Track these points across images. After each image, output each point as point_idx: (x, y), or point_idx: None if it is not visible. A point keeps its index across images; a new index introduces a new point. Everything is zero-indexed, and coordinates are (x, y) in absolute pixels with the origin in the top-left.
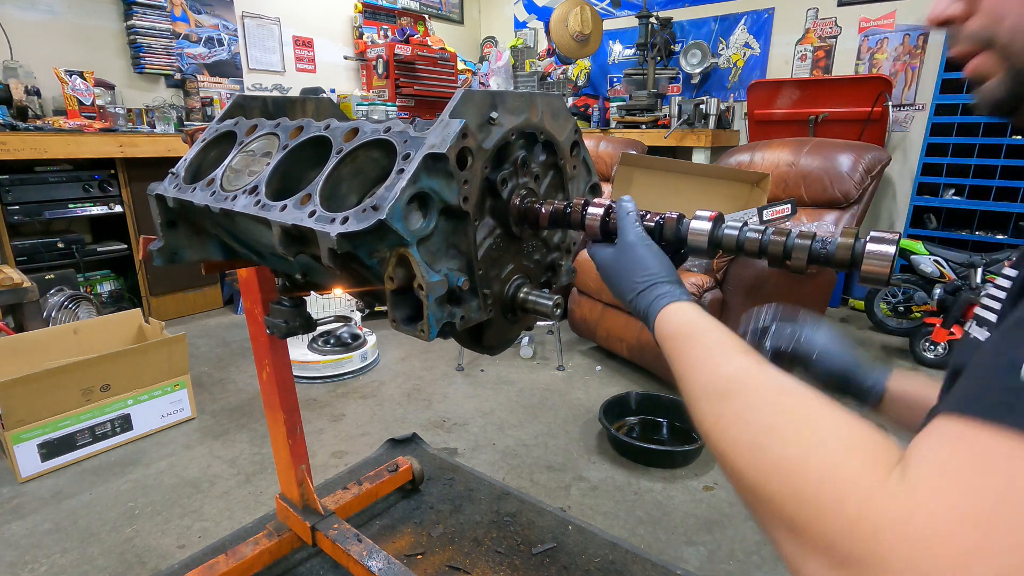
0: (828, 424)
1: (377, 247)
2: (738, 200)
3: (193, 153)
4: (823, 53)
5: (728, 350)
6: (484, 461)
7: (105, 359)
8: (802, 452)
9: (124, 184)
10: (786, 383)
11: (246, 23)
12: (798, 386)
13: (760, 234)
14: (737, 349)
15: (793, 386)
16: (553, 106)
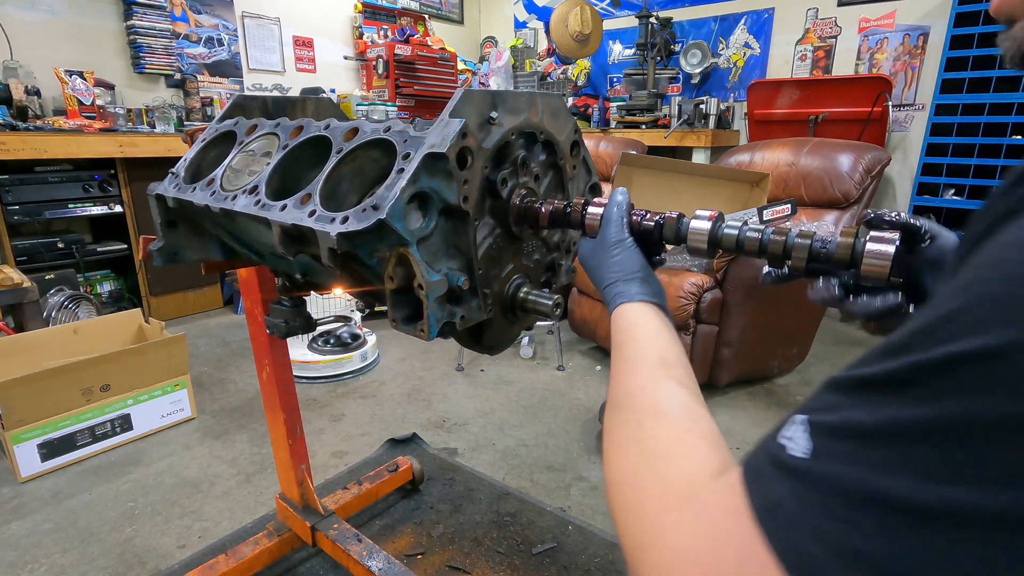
0: (667, 450)
1: (377, 247)
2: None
3: (193, 153)
4: (823, 53)
5: (639, 365)
6: (484, 461)
7: (105, 359)
8: (629, 474)
9: (124, 184)
10: (665, 407)
11: (246, 23)
12: (675, 408)
13: (760, 233)
14: (648, 364)
15: (669, 408)
16: (553, 106)
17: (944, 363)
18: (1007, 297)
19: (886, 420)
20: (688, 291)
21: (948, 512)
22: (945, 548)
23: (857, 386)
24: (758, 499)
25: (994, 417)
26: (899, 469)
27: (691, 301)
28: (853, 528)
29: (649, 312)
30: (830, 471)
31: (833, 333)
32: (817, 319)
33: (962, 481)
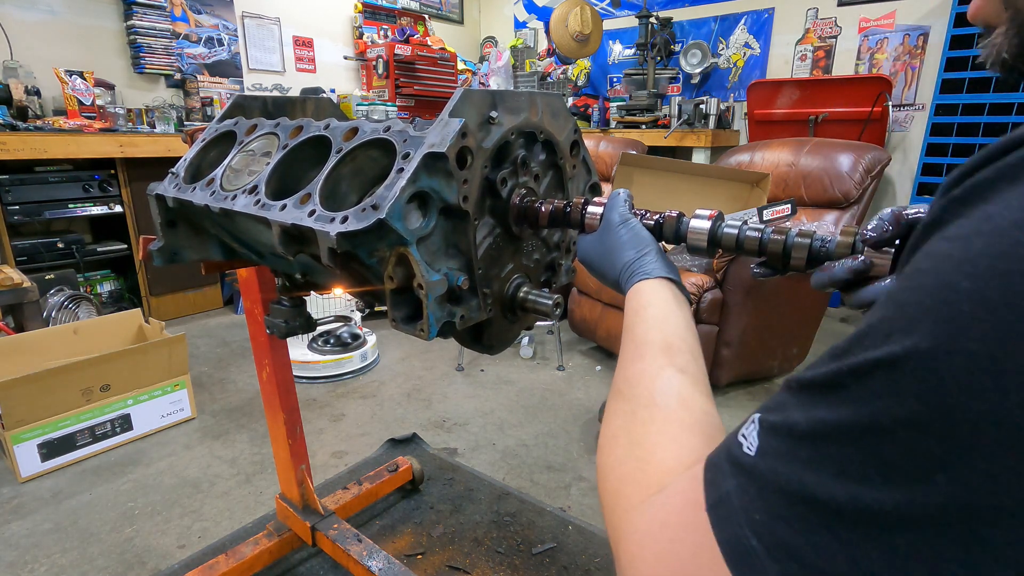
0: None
1: (377, 246)
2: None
3: (193, 153)
4: (823, 53)
5: (644, 350)
6: (484, 461)
7: (105, 359)
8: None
9: (124, 184)
10: (659, 398)
11: (246, 23)
12: (669, 399)
13: (760, 232)
14: (652, 349)
15: (663, 399)
16: (553, 106)
17: (861, 369)
18: (913, 306)
19: (815, 421)
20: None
21: (855, 509)
22: (855, 544)
23: (802, 387)
24: (711, 492)
25: (891, 420)
26: (821, 468)
27: (691, 301)
28: (784, 523)
29: (664, 291)
30: (768, 468)
31: (833, 333)
32: (817, 319)
33: (867, 481)
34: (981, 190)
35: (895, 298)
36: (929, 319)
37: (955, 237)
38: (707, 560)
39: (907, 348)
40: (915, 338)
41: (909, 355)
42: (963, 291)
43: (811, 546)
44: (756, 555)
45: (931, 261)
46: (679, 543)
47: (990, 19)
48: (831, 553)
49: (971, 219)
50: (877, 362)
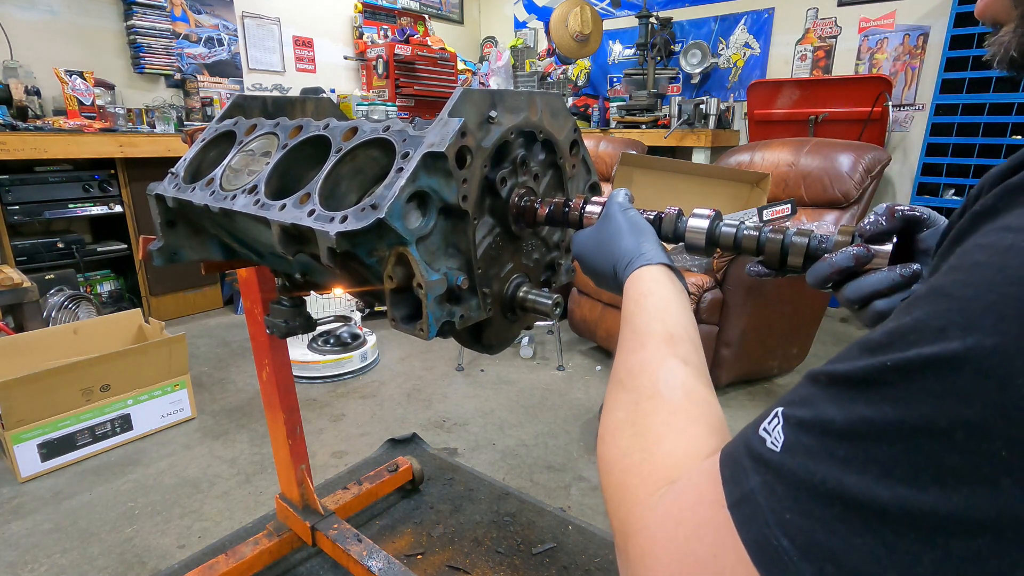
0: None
1: (376, 246)
2: (738, 200)
3: (192, 153)
4: (823, 53)
5: (645, 340)
6: (484, 461)
7: (105, 359)
8: (620, 453)
9: (124, 184)
10: (663, 388)
11: (246, 23)
12: (674, 390)
13: (757, 232)
14: (654, 339)
15: (667, 390)
16: (552, 105)
17: (910, 367)
18: (972, 301)
19: (854, 418)
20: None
21: (904, 512)
22: (900, 547)
23: (832, 382)
24: (732, 490)
25: (948, 422)
26: (861, 467)
27: (691, 301)
28: (817, 523)
29: (663, 278)
30: (799, 465)
31: (833, 333)
32: (817, 319)
33: (918, 483)
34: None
35: (947, 292)
36: (993, 314)
37: (1018, 228)
38: (731, 561)
39: (968, 346)
40: (977, 335)
41: (971, 353)
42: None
43: (851, 548)
44: (788, 556)
45: (990, 254)
46: (697, 542)
47: (999, 16)
48: (874, 557)
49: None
50: (931, 359)
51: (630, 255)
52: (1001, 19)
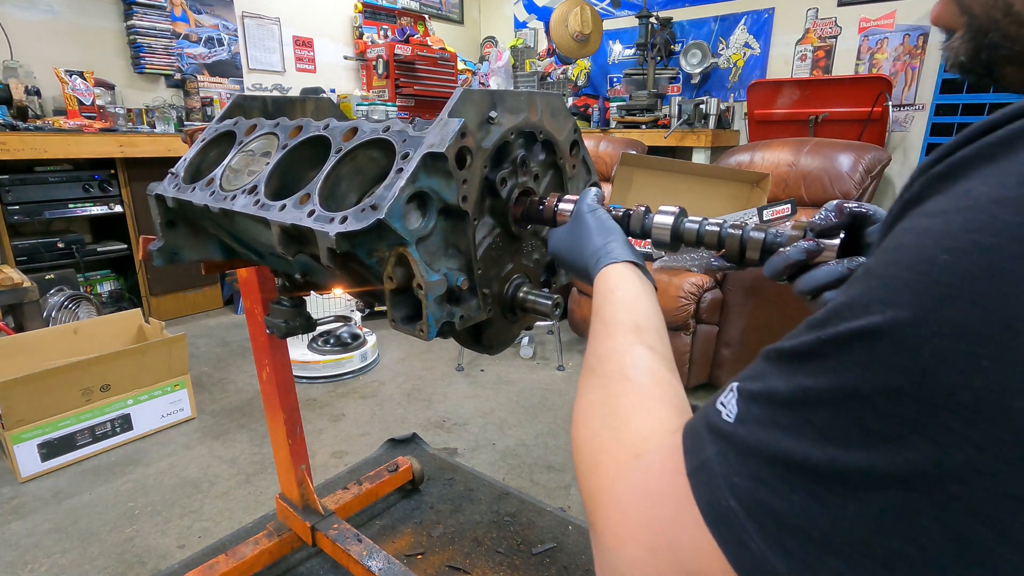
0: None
1: (376, 246)
2: (738, 200)
3: (193, 153)
4: (823, 53)
5: (614, 330)
6: (484, 461)
7: (105, 359)
8: (591, 433)
9: (124, 184)
10: (631, 372)
11: (246, 23)
12: (641, 373)
13: (718, 228)
14: (622, 328)
15: (635, 373)
16: (552, 105)
17: (841, 339)
18: (893, 279)
19: (795, 388)
20: (688, 291)
21: (833, 470)
22: (830, 500)
23: (780, 357)
24: (691, 459)
25: (871, 388)
26: (800, 432)
27: (691, 301)
28: (762, 485)
29: (630, 274)
30: (748, 434)
31: None
32: None
33: (847, 444)
34: (961, 168)
35: (875, 272)
36: (909, 291)
37: (935, 212)
38: (687, 523)
39: (887, 319)
40: (895, 309)
41: (889, 326)
42: (943, 264)
43: (790, 505)
44: (735, 515)
45: (911, 236)
46: (660, 508)
47: (949, 24)
48: (809, 511)
49: (951, 195)
50: (857, 332)
51: (598, 254)
52: (952, 27)
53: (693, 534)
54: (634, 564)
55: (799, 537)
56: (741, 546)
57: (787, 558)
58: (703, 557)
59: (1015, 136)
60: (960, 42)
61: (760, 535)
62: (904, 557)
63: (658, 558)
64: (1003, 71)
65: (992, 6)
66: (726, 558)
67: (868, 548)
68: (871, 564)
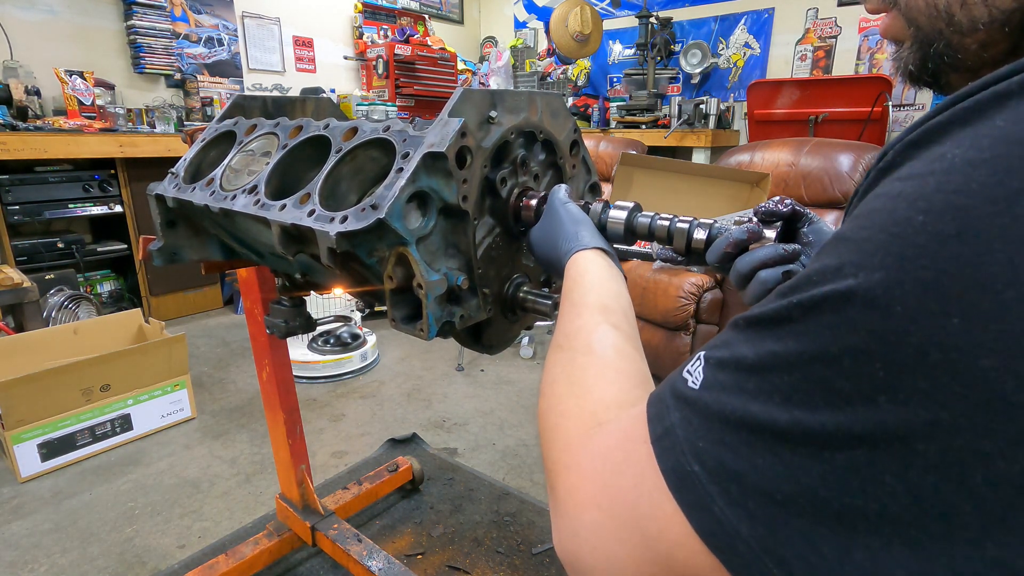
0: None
1: (376, 246)
2: (738, 200)
3: (192, 153)
4: (823, 53)
5: (581, 310)
6: (484, 461)
7: (105, 359)
8: (555, 401)
9: (124, 184)
10: (597, 345)
11: (246, 23)
12: (606, 348)
13: (668, 221)
14: (589, 308)
15: (600, 348)
16: (552, 105)
17: (812, 303)
18: (865, 242)
19: (763, 353)
20: (688, 291)
21: (799, 432)
22: (794, 462)
23: (749, 324)
24: (655, 426)
25: (839, 349)
26: (767, 396)
27: (691, 301)
28: (726, 449)
29: (598, 260)
30: (713, 400)
31: None
32: None
33: (812, 406)
34: (935, 133)
35: (847, 237)
36: (881, 253)
37: (908, 176)
38: (649, 488)
39: (859, 281)
40: (867, 272)
41: (860, 287)
42: (917, 225)
43: (753, 468)
44: (698, 480)
45: (884, 200)
46: (621, 473)
47: (898, 36)
48: (773, 473)
49: (924, 160)
50: (828, 296)
51: (569, 242)
52: (900, 38)
53: (654, 499)
54: (593, 529)
55: (762, 499)
56: (704, 510)
57: (750, 520)
58: (663, 522)
59: (989, 101)
60: (908, 52)
61: (723, 498)
62: (865, 515)
63: (617, 523)
64: (949, 79)
65: (936, 18)
66: (688, 522)
67: (829, 507)
68: (832, 523)
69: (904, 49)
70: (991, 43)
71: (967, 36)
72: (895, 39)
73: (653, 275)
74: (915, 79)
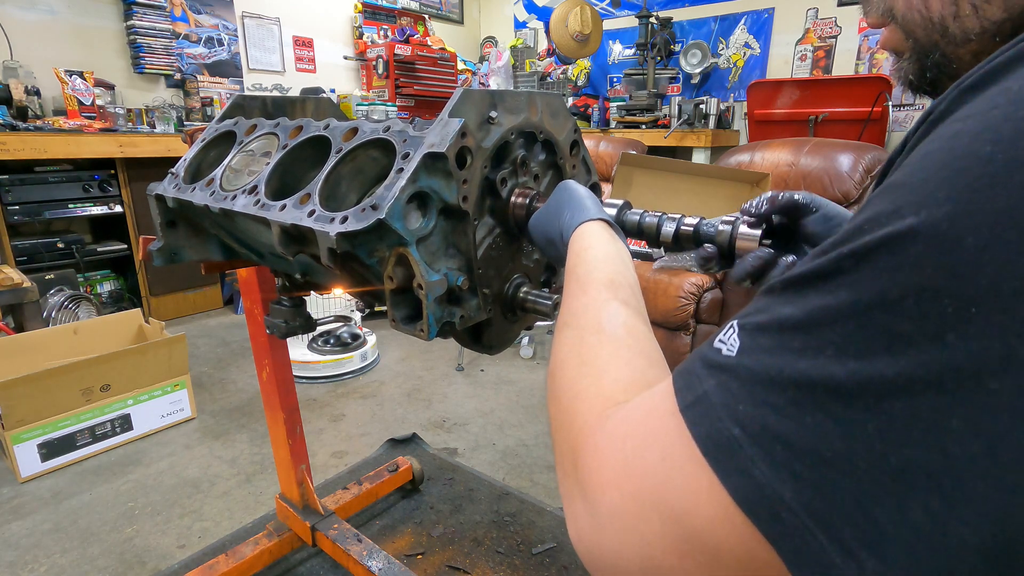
0: (604, 363)
1: (376, 246)
2: (738, 200)
3: (192, 153)
4: (823, 53)
5: (587, 287)
6: (484, 461)
7: (105, 359)
8: (567, 383)
9: (124, 184)
10: (607, 324)
11: (246, 23)
12: (617, 327)
13: (656, 218)
14: (595, 285)
15: (611, 327)
16: (552, 105)
17: (866, 250)
18: (924, 182)
19: (810, 308)
20: (688, 291)
21: (856, 384)
22: (848, 417)
23: (787, 286)
24: (685, 395)
25: (900, 291)
26: (816, 351)
27: (691, 301)
28: (770, 410)
29: (603, 234)
30: (756, 363)
31: None
32: None
33: (870, 355)
34: (995, 74)
35: (899, 183)
36: (945, 187)
37: (966, 117)
38: (678, 461)
39: (921, 219)
40: (929, 209)
41: (923, 225)
42: (984, 156)
43: (802, 427)
44: (738, 443)
45: (940, 142)
46: (645, 450)
47: (897, 48)
48: (823, 432)
49: (983, 99)
50: (884, 239)
51: (573, 214)
52: (899, 50)
53: (686, 471)
54: (614, 513)
55: (809, 459)
56: (743, 475)
57: (795, 482)
58: (696, 495)
59: None
60: (908, 63)
61: (766, 462)
62: (923, 466)
63: (643, 504)
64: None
65: (931, 30)
66: (725, 489)
67: (886, 463)
68: (887, 481)
69: (904, 60)
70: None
71: (961, 47)
72: (895, 51)
73: (653, 275)
74: (915, 88)
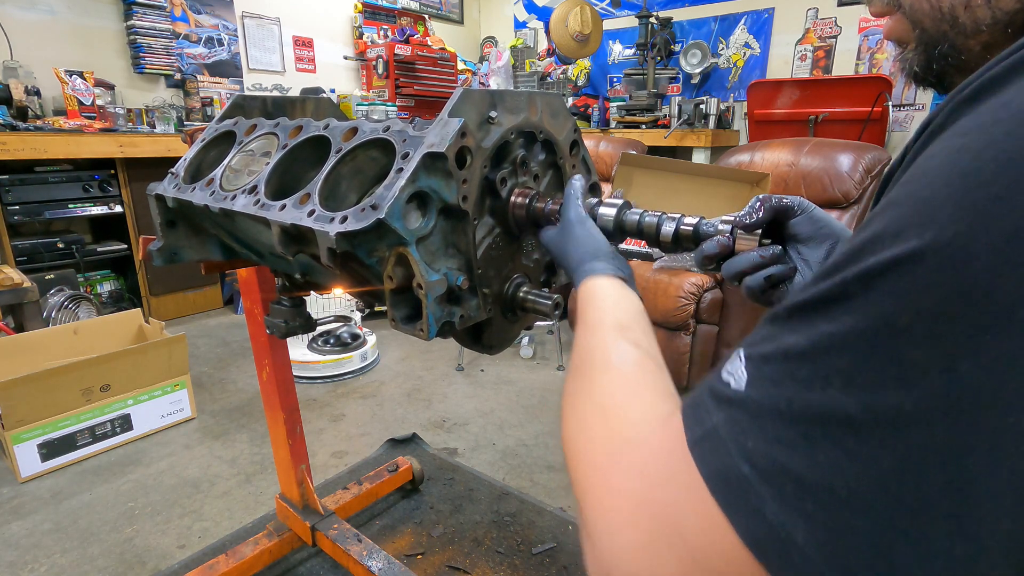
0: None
1: (376, 246)
2: (738, 200)
3: (192, 153)
4: (823, 53)
5: (596, 329)
6: (484, 461)
7: (105, 359)
8: (578, 424)
9: (124, 184)
10: (616, 363)
11: (246, 23)
12: (626, 364)
13: (656, 218)
14: (605, 327)
15: (621, 365)
16: (552, 105)
17: (870, 274)
18: (927, 201)
19: (815, 337)
20: (688, 291)
21: (867, 416)
22: (862, 452)
23: (792, 312)
24: (695, 430)
25: (909, 317)
26: (824, 382)
27: (691, 301)
28: (780, 445)
29: (613, 283)
30: (764, 396)
31: None
32: None
33: (880, 384)
34: (991, 87)
35: (900, 201)
36: (950, 206)
37: (966, 131)
38: (692, 500)
39: (927, 240)
40: (935, 229)
41: (930, 247)
42: (989, 174)
43: (813, 464)
44: (747, 482)
45: (941, 157)
46: (659, 488)
47: (902, 38)
48: (836, 467)
49: (983, 112)
50: (889, 262)
51: (583, 268)
52: (905, 40)
53: (699, 510)
54: (631, 552)
55: (822, 497)
56: (754, 515)
57: (807, 522)
58: (710, 534)
59: None
60: (913, 54)
61: (777, 501)
62: (943, 498)
63: (658, 542)
64: (954, 80)
65: (940, 20)
66: (734, 530)
67: (902, 498)
68: (903, 519)
69: (908, 51)
70: (994, 44)
71: (971, 38)
72: (900, 41)
73: (653, 275)
74: (920, 80)
